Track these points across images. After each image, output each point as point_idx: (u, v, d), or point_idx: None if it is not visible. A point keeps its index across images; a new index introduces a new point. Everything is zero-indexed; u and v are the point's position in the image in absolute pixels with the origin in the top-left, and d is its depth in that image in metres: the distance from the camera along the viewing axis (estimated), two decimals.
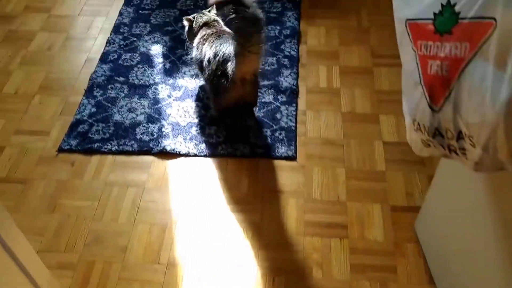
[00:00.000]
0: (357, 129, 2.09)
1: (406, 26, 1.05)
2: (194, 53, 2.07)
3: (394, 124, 2.10)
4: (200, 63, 2.02)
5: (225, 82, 1.88)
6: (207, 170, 1.96)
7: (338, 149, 2.02)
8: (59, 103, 2.22)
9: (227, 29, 2.02)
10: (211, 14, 2.11)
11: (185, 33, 2.15)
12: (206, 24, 2.06)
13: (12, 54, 2.46)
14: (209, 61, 1.94)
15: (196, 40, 2.06)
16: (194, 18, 2.09)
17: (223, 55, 1.88)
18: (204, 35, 2.02)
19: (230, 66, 1.85)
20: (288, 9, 2.68)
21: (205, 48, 1.98)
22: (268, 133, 2.07)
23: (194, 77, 2.32)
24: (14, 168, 1.98)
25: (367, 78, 2.30)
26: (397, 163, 1.97)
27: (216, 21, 2.08)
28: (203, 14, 2.10)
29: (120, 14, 2.69)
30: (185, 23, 2.12)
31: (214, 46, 1.94)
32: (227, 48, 1.88)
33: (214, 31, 2.02)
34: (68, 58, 2.44)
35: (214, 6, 2.10)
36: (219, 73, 1.89)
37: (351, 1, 2.72)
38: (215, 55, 1.91)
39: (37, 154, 2.02)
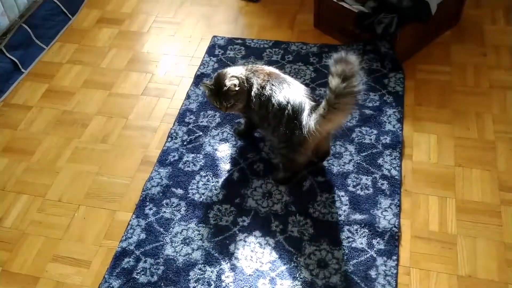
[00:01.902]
0: None
1: None
2: (254, 104, 1.82)
3: None
4: (263, 115, 1.80)
5: (300, 133, 1.69)
6: None
7: None
8: (105, 220, 1.87)
9: (275, 71, 1.87)
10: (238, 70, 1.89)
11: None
12: (251, 72, 1.86)
13: (63, 145, 2.15)
14: (280, 107, 1.73)
15: (253, 92, 1.82)
16: (241, 77, 1.83)
17: (294, 104, 1.71)
18: (261, 83, 1.81)
19: (305, 119, 1.66)
20: (388, 104, 2.16)
21: (269, 93, 1.77)
22: None
23: (266, 196, 1.88)
24: None
25: (492, 223, 1.74)
26: None
27: (255, 69, 1.88)
28: (236, 71, 1.86)
29: (188, 97, 2.31)
30: (235, 82, 1.79)
31: (280, 91, 1.76)
32: (295, 96, 1.73)
33: (267, 74, 1.83)
34: (123, 155, 2.09)
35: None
36: (293, 124, 1.69)
37: (469, 98, 2.16)
38: (288, 103, 1.72)
39: None
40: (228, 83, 1.77)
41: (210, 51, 2.52)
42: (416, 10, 2.18)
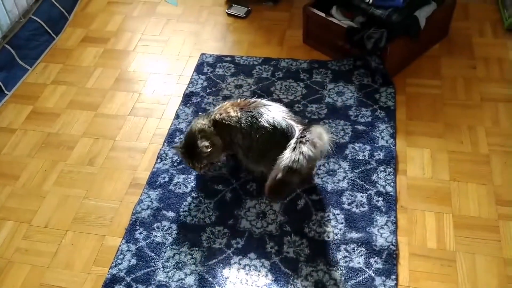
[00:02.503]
0: None
1: None
2: (237, 139, 1.79)
3: None
4: (247, 145, 1.77)
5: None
6: None
7: None
8: (94, 246, 1.80)
9: (239, 100, 1.87)
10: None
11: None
12: (218, 114, 1.82)
13: (48, 169, 2.08)
14: (265, 131, 1.72)
15: (234, 129, 1.78)
16: (210, 130, 1.82)
17: (281, 128, 1.71)
18: (236, 115, 1.78)
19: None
20: (380, 119, 2.14)
21: (249, 120, 1.75)
22: None
23: (260, 216, 1.84)
24: None
25: (490, 239, 1.71)
26: None
27: (219, 110, 1.85)
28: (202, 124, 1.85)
29: (177, 116, 2.26)
30: (206, 144, 1.76)
31: (260, 116, 1.74)
32: (279, 119, 1.73)
33: (233, 106, 1.82)
34: (111, 177, 2.03)
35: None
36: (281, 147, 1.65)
37: (461, 111, 2.15)
38: (274, 127, 1.71)
39: None
40: (200, 144, 1.75)
41: (199, 69, 2.49)
42: (406, 25, 2.17)
